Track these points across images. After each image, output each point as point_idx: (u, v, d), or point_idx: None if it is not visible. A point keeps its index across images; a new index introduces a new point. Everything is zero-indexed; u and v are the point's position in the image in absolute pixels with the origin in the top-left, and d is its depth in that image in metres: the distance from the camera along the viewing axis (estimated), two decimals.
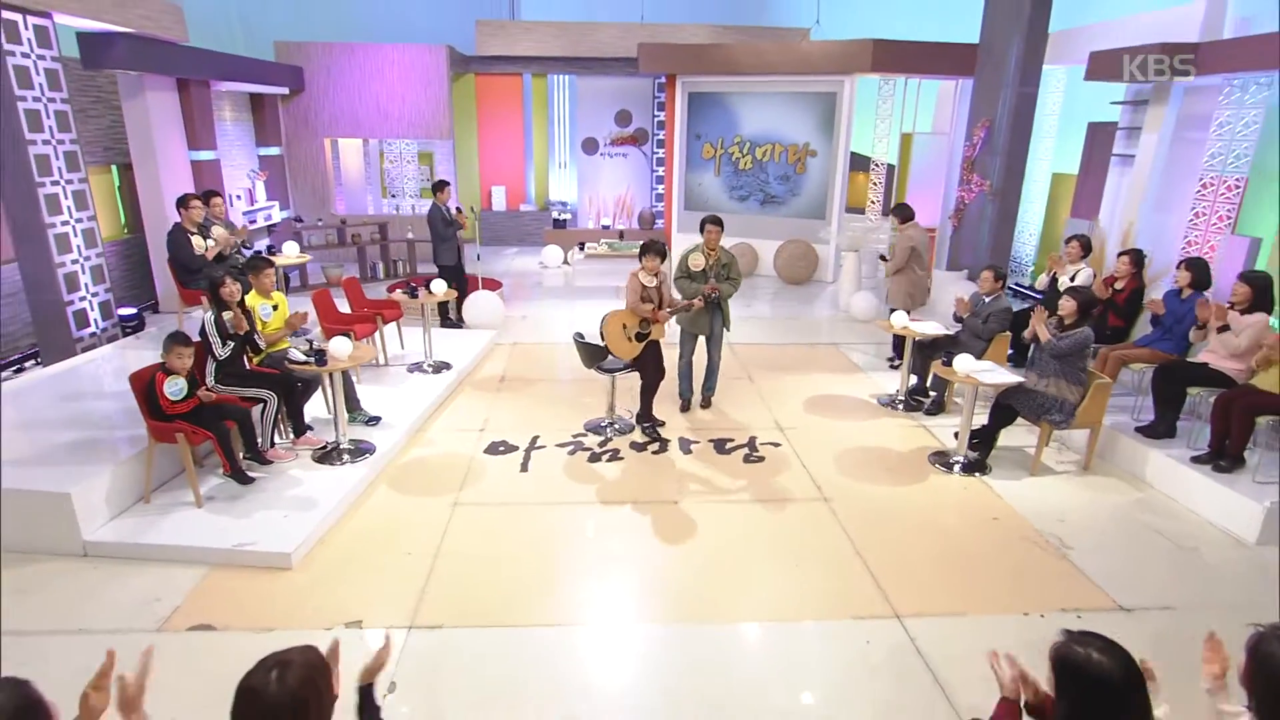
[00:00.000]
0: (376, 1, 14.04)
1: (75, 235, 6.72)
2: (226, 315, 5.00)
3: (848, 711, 3.22)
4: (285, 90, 11.08)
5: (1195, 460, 5.03)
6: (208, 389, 4.80)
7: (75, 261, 6.73)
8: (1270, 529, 4.52)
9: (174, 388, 4.51)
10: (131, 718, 2.04)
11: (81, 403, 5.62)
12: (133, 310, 8.06)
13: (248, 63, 10.03)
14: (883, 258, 7.72)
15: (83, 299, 6.82)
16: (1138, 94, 8.94)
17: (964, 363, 5.19)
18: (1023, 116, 9.03)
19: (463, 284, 8.50)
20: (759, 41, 11.88)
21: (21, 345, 7.36)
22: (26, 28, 6.17)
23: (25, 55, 6.18)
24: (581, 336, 5.93)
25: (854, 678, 3.40)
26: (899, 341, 7.22)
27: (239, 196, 10.12)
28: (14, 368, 7.03)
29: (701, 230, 6.11)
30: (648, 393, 5.96)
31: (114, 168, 8.81)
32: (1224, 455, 4.93)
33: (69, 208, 6.65)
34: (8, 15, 6.00)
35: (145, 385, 4.54)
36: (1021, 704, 2.20)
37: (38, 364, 7.08)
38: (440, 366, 7.05)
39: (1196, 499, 4.90)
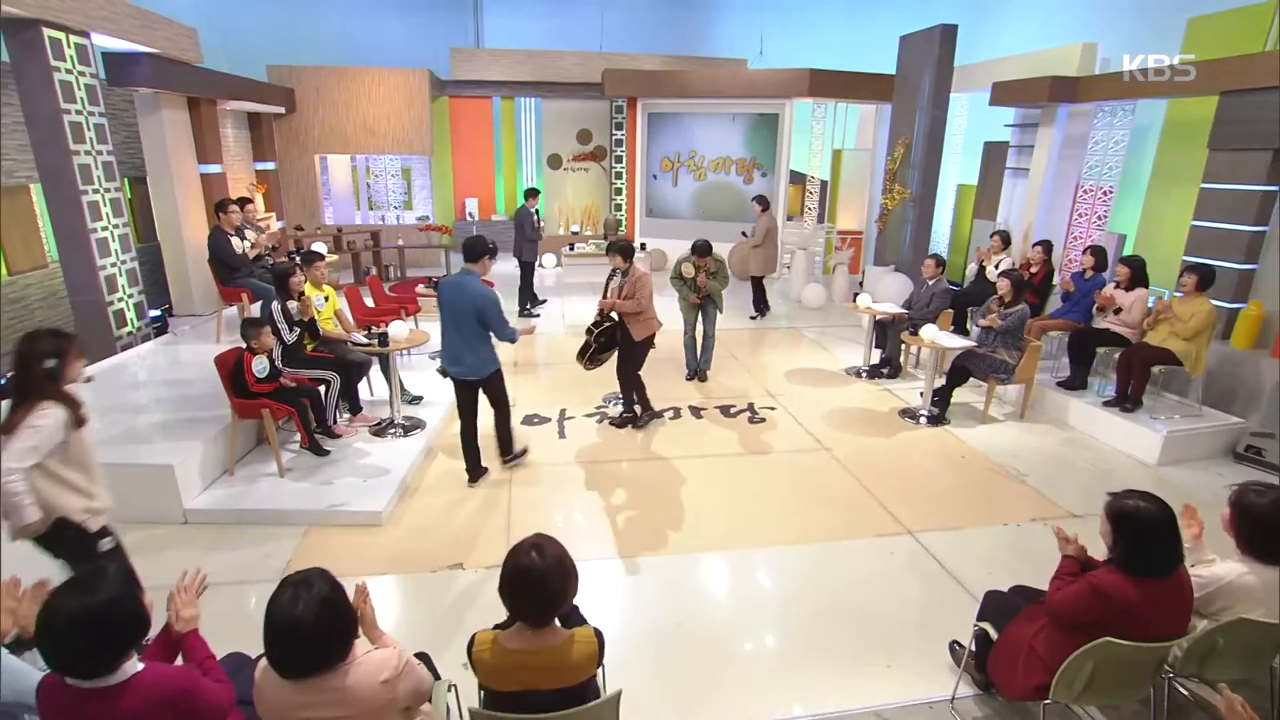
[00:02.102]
0: (353, 31, 13.74)
1: (113, 240, 6.45)
2: (292, 304, 4.99)
3: (891, 604, 3.58)
4: (283, 109, 10.77)
5: (1106, 404, 5.69)
6: (281, 369, 4.79)
7: (114, 265, 6.45)
8: (1168, 452, 5.20)
9: (260, 366, 4.50)
10: (374, 633, 2.20)
11: (147, 391, 5.46)
12: (157, 312, 7.74)
13: (252, 84, 9.74)
14: (744, 234, 9.04)
15: (121, 300, 6.54)
16: (1025, 117, 9.78)
17: (929, 331, 5.68)
18: (935, 136, 9.68)
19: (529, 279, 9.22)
20: (704, 69, 12.28)
21: None
22: (69, 46, 5.91)
23: (69, 71, 5.91)
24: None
25: (889, 580, 3.78)
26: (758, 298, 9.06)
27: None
28: None
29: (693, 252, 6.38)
30: (621, 381, 5.68)
31: (126, 181, 8.42)
32: (1127, 399, 5.59)
33: (107, 214, 6.38)
34: (53, 34, 5.74)
35: (231, 366, 4.50)
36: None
37: None
38: None
39: (1110, 434, 5.55)
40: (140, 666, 1.83)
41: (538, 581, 1.92)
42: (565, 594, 1.97)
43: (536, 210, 8.92)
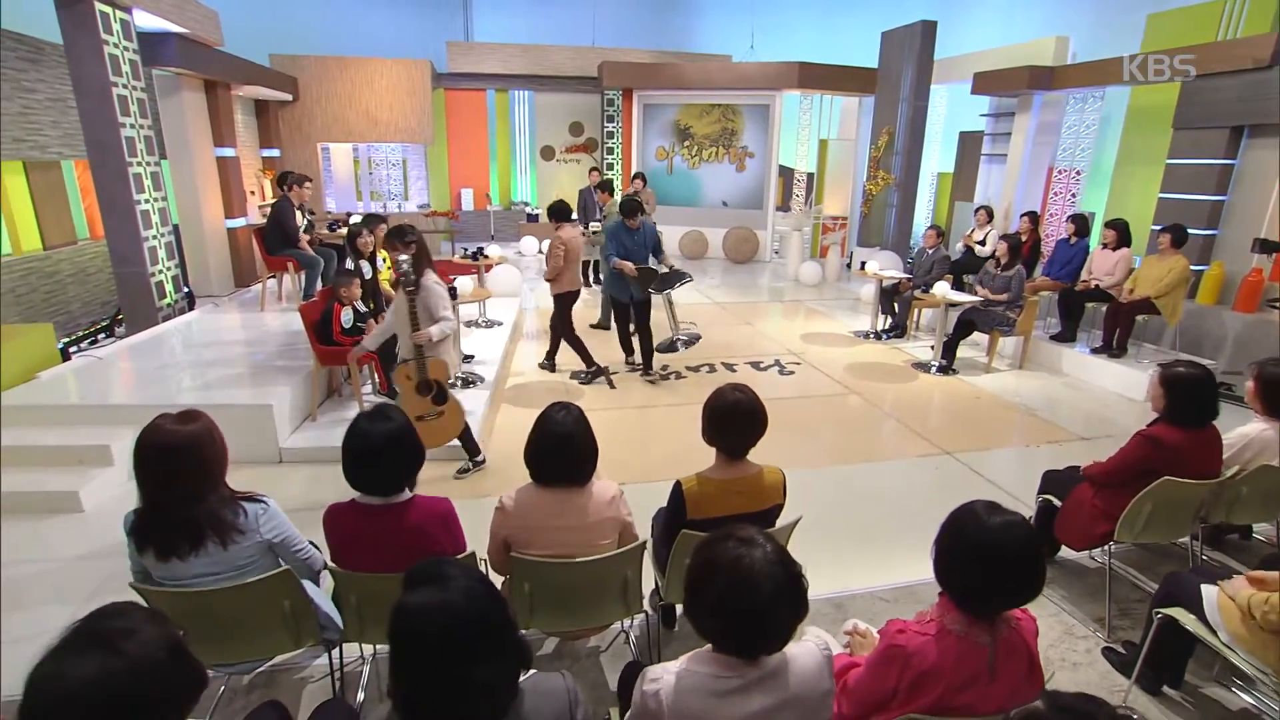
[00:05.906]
0: (345, 24, 13.90)
1: (154, 213, 6.55)
2: (364, 264, 5.25)
3: (947, 503, 3.93)
4: (290, 97, 10.85)
5: (1095, 352, 6.33)
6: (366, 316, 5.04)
7: (155, 237, 6.56)
8: None
9: (347, 317, 4.75)
10: None
11: (213, 350, 5.63)
12: (187, 288, 7.82)
13: (266, 70, 9.86)
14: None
15: (160, 272, 6.64)
16: (999, 107, 10.54)
17: (941, 288, 6.24)
18: (917, 124, 10.35)
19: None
20: (697, 63, 12.77)
21: (83, 323, 7.05)
22: (115, 20, 6.03)
23: (115, 45, 6.03)
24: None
25: (940, 486, 4.27)
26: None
27: (253, 192, 9.87)
28: (89, 339, 6.74)
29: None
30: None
31: None
32: (1114, 346, 6.23)
33: (149, 187, 6.48)
34: (102, 8, 5.86)
35: (318, 316, 4.75)
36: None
37: (109, 338, 6.83)
38: (492, 323, 7.39)
39: (1100, 377, 6.18)
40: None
41: (746, 412, 2.32)
42: (762, 426, 2.36)
43: (598, 187, 8.97)
